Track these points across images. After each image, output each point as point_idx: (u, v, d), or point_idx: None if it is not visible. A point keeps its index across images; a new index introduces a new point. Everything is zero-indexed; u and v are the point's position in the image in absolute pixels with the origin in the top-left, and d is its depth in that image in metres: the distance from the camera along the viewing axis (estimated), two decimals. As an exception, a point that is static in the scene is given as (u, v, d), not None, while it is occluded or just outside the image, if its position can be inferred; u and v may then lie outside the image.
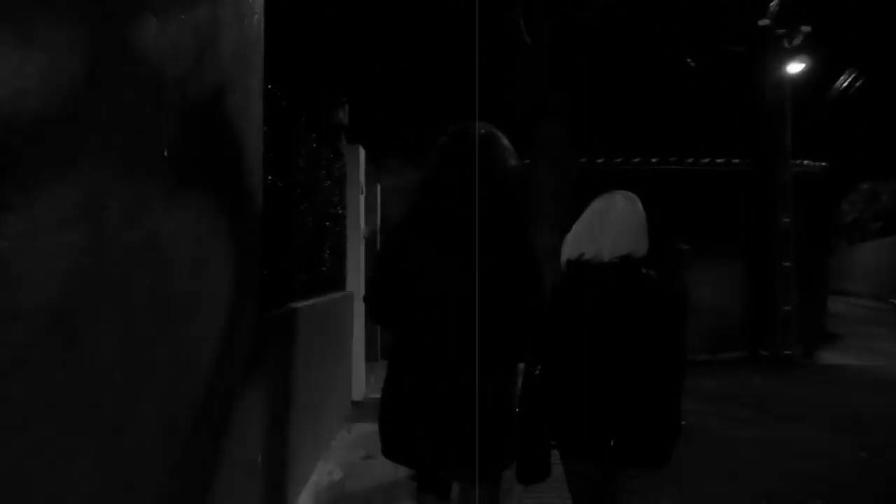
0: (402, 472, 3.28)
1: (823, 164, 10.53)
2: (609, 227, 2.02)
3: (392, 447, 2.10)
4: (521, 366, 2.17)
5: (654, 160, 9.41)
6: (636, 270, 2.01)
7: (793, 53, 9.32)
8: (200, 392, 2.11)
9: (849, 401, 6.78)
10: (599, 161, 9.29)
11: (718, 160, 9.62)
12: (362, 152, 6.35)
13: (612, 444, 1.96)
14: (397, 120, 8.99)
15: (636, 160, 9.39)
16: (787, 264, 9.31)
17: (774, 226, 9.41)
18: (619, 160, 9.32)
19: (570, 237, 2.12)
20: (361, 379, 6.21)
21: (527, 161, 8.88)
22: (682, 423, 2.05)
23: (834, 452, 4.94)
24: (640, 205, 2.09)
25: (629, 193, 2.11)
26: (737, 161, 9.74)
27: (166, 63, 1.82)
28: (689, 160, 9.51)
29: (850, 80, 14.70)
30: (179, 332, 1.92)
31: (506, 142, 2.09)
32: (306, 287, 4.15)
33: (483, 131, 2.07)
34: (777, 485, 4.25)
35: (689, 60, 8.14)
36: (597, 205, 2.10)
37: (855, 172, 17.89)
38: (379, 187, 8.63)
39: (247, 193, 2.75)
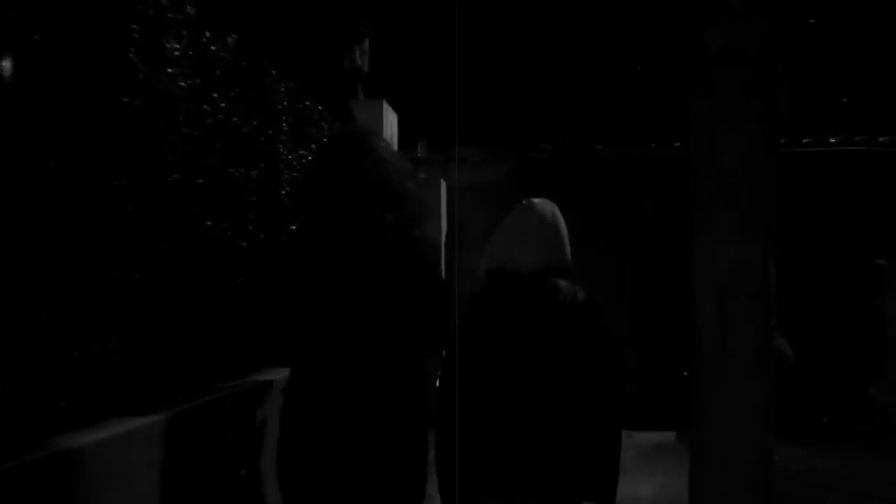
0: None
1: None
2: (528, 237, 1.89)
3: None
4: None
5: (832, 140, 6.72)
6: (559, 284, 1.87)
7: None
8: None
9: None
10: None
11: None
12: (390, 115, 4.09)
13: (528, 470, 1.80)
14: (473, 92, 6.72)
15: (805, 140, 6.73)
16: None
17: None
18: (783, 140, 6.69)
19: (487, 248, 1.96)
20: None
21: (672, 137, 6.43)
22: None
23: None
24: (559, 213, 1.96)
25: (546, 201, 1.97)
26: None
27: None
28: (883, 139, 6.75)
29: None
30: None
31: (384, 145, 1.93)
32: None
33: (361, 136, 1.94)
34: None
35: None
36: (514, 213, 1.96)
37: None
38: (444, 185, 6.38)
39: None
